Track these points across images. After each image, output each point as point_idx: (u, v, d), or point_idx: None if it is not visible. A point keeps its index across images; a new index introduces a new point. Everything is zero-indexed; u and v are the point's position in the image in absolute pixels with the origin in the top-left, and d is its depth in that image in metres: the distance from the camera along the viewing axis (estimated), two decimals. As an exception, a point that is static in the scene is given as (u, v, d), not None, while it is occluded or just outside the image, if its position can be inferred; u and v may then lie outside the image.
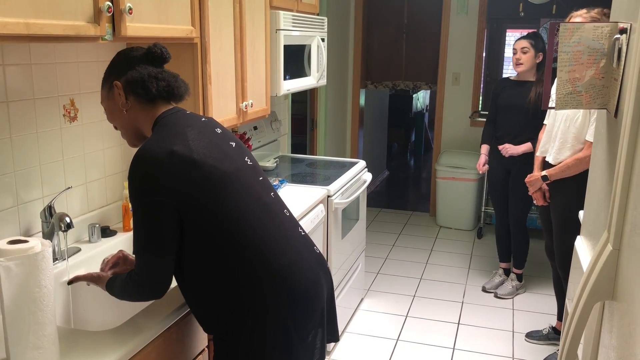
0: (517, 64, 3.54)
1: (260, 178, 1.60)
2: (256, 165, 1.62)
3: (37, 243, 1.26)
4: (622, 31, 1.16)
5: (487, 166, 3.78)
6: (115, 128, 1.62)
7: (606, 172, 1.28)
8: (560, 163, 2.84)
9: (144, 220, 1.41)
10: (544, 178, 2.90)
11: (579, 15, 2.80)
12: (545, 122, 3.07)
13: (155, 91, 1.50)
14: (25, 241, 1.26)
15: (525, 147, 3.51)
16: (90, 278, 1.62)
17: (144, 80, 1.49)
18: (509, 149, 3.57)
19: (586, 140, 2.73)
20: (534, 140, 3.31)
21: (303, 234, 1.64)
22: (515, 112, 3.58)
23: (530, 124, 3.44)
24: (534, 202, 3.05)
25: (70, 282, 1.68)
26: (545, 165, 2.96)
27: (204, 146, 1.46)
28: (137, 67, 1.50)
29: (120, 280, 1.51)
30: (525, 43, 3.51)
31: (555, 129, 2.87)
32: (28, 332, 1.23)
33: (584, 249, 1.43)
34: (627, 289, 0.98)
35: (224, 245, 1.45)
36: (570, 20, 2.87)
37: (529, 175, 3.03)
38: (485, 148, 3.81)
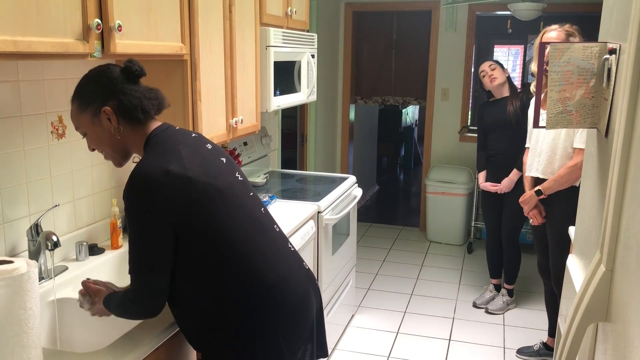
0: (491, 80, 3.66)
1: (251, 194, 1.60)
2: (246, 180, 1.63)
3: (22, 264, 1.23)
4: (612, 51, 1.17)
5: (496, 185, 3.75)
6: (92, 150, 1.56)
7: (597, 191, 1.28)
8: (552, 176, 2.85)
9: (140, 239, 1.40)
10: (538, 193, 2.88)
11: (553, 30, 2.86)
12: (527, 145, 3.11)
13: (153, 113, 1.50)
14: (10, 262, 1.23)
15: (514, 174, 3.57)
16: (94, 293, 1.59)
17: (142, 104, 1.47)
18: (503, 188, 3.63)
19: (575, 147, 2.74)
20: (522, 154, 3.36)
21: (292, 249, 1.64)
22: (500, 128, 3.65)
23: (517, 137, 3.47)
24: (530, 221, 3.00)
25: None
26: (536, 183, 2.96)
27: (197, 163, 1.46)
28: (125, 91, 1.46)
29: (117, 298, 1.50)
30: (488, 63, 3.71)
31: (540, 144, 2.88)
32: (12, 355, 1.20)
33: (576, 268, 1.43)
34: (621, 310, 0.97)
35: (216, 261, 1.44)
36: (545, 35, 2.91)
37: (522, 195, 3.00)
38: (482, 176, 3.83)
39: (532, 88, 3.28)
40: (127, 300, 1.46)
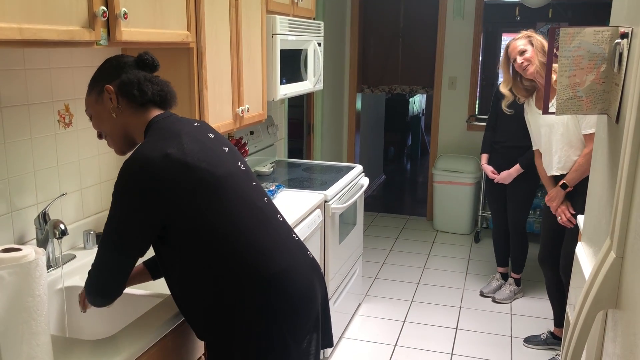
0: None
1: (254, 183, 1.59)
2: (249, 170, 1.62)
3: (30, 251, 1.23)
4: (623, 36, 1.15)
5: (495, 173, 3.71)
6: (100, 137, 1.60)
7: (607, 177, 1.27)
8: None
9: (121, 218, 1.40)
10: (564, 186, 2.84)
11: (517, 39, 2.97)
12: (535, 147, 3.09)
13: (150, 94, 1.50)
14: (19, 249, 1.24)
15: (515, 170, 3.52)
16: None
17: (140, 82, 1.49)
18: (500, 180, 3.61)
19: (585, 134, 2.72)
20: (529, 150, 3.29)
21: (297, 239, 1.64)
22: (515, 118, 3.56)
23: (524, 135, 3.41)
24: (559, 219, 2.92)
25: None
26: (556, 180, 2.93)
27: (198, 150, 1.45)
28: (130, 71, 1.50)
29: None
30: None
31: (554, 142, 2.84)
32: (21, 342, 1.21)
33: (584, 256, 1.42)
34: (631, 297, 0.96)
35: (218, 250, 1.44)
36: (513, 44, 2.99)
37: (547, 195, 2.97)
38: (485, 158, 3.79)
39: (504, 106, 3.28)
40: (88, 276, 1.46)
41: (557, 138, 2.83)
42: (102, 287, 1.44)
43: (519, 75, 3.04)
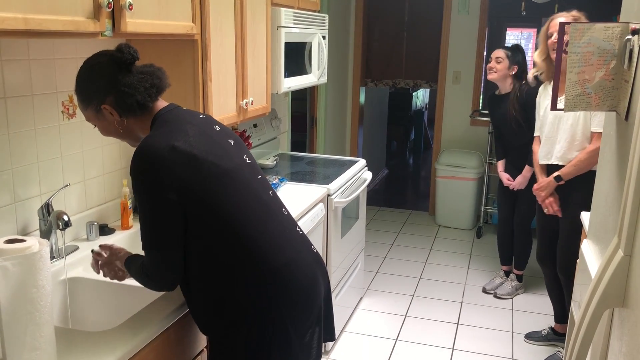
0: (488, 71, 3.60)
1: (259, 176, 1.59)
2: (254, 163, 1.61)
3: (34, 242, 1.23)
4: (634, 32, 1.14)
5: (510, 180, 3.66)
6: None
7: (615, 175, 1.26)
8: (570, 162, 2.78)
9: (149, 215, 1.40)
10: (558, 179, 2.80)
11: (562, 16, 2.87)
12: (536, 133, 3.05)
13: (151, 104, 1.49)
14: (23, 240, 1.24)
15: (527, 171, 3.47)
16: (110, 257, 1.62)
17: (138, 100, 1.45)
18: (517, 185, 3.56)
19: (593, 132, 2.68)
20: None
21: (301, 232, 1.64)
22: (506, 126, 3.57)
23: (525, 135, 3.38)
24: (545, 210, 2.92)
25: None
26: (549, 170, 2.90)
27: (204, 143, 1.45)
28: (119, 87, 1.44)
29: (135, 267, 1.52)
30: (500, 53, 3.57)
31: (561, 131, 2.81)
32: (25, 332, 1.21)
33: (591, 253, 1.41)
34: (639, 296, 0.96)
35: (223, 243, 1.44)
36: (553, 22, 2.89)
37: (537, 183, 2.93)
38: (501, 165, 3.74)
39: (530, 75, 3.22)
40: (144, 274, 1.47)
41: (565, 127, 2.78)
42: (166, 283, 1.46)
43: (548, 52, 2.91)
